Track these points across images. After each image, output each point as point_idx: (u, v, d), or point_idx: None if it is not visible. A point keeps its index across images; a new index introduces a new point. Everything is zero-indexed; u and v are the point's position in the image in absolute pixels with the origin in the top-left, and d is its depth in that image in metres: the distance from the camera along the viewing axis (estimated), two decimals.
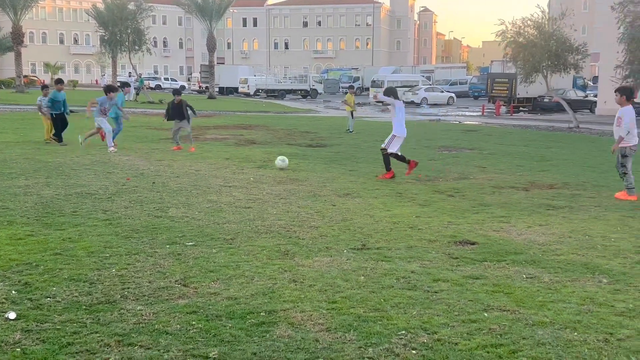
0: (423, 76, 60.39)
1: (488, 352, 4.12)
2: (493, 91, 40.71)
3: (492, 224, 7.97)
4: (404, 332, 4.43)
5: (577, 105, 37.11)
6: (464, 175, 12.32)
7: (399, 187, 10.73)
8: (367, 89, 59.44)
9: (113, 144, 14.88)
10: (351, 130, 21.90)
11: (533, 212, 8.79)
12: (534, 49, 27.22)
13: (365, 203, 9.24)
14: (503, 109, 38.19)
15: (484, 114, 37.27)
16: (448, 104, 48.62)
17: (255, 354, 4.06)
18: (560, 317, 4.77)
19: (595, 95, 38.54)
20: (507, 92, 39.18)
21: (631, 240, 7.19)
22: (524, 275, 5.82)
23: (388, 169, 11.64)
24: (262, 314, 4.72)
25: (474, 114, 38.13)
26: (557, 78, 31.71)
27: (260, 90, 59.12)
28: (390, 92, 12.06)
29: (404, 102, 15.01)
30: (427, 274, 5.78)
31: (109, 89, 15.51)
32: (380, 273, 5.81)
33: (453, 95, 50.88)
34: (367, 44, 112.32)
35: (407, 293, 5.26)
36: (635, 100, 10.63)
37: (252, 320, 4.60)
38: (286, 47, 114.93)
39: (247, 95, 59.18)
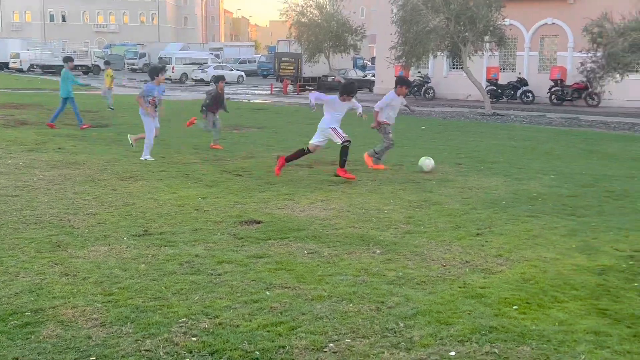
0: (212, 54, 59.86)
1: (269, 332, 4.15)
2: (280, 70, 41.58)
3: (277, 202, 8.10)
4: (184, 319, 4.30)
5: (358, 85, 39.08)
6: (252, 154, 12.41)
7: (186, 168, 10.49)
8: None
9: None
10: (112, 108, 21.05)
11: (316, 188, 9.10)
12: (317, 29, 28.22)
13: (150, 186, 8.90)
14: (290, 87, 39.22)
15: (273, 92, 37.96)
16: (238, 82, 48.80)
17: (17, 359, 3.68)
18: (338, 289, 4.96)
19: (374, 75, 41.07)
20: (294, 71, 40.25)
21: (402, 212, 7.73)
22: (306, 251, 5.98)
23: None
24: (27, 313, 4.30)
25: (263, 92, 38.68)
26: (339, 58, 33.30)
27: (35, 66, 54.47)
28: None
29: (193, 79, 14.48)
30: (211, 257, 5.70)
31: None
32: (163, 259, 5.60)
33: (242, 73, 51.17)
34: (153, 19, 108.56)
35: (190, 278, 5.14)
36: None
37: (16, 321, 4.17)
38: (63, 19, 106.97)
39: (20, 71, 54.25)
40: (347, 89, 10.31)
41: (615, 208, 8.09)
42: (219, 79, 13.60)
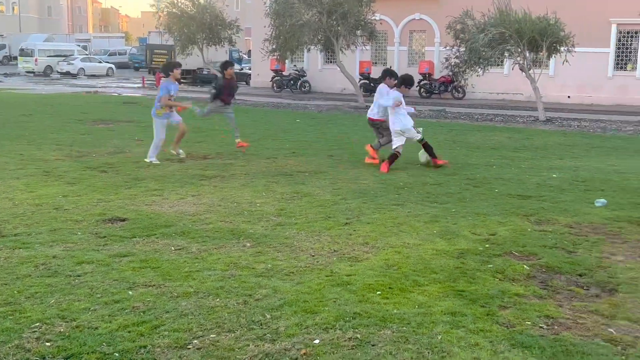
0: (79, 45, 57.02)
1: (130, 332, 4.00)
2: (153, 62, 40.40)
3: (145, 198, 7.86)
4: (38, 324, 4.06)
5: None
6: (120, 149, 11.96)
7: (47, 165, 9.93)
8: (16, 58, 54.02)
9: None
10: None
11: (186, 183, 8.91)
12: (189, 21, 27.65)
13: (5, 185, 8.34)
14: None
15: (145, 85, 36.79)
16: (107, 75, 46.88)
17: None
18: (205, 285, 4.88)
19: (250, 68, 40.86)
20: None
21: (274, 204, 7.74)
22: (173, 248, 5.84)
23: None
24: None
25: (135, 85, 37.39)
26: (214, 51, 32.81)
27: None
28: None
29: (59, 72, 13.72)
30: (70, 258, 5.42)
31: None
32: (16, 262, 5.26)
33: (112, 66, 49.19)
34: (14, 8, 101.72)
35: (46, 281, 4.86)
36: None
37: None
38: None
39: None
40: (409, 81, 10.57)
41: (474, 195, 8.54)
42: (227, 65, 12.49)
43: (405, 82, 10.66)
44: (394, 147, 10.43)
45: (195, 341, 3.92)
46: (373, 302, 4.60)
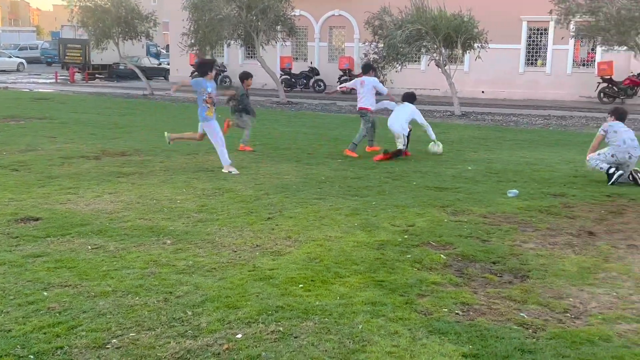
0: None
1: (45, 333, 3.88)
2: (66, 57, 38.97)
3: (59, 197, 7.60)
4: None
5: (152, 73, 38.11)
6: (32, 146, 11.50)
7: None
8: None
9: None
10: None
11: (103, 180, 8.67)
12: (104, 14, 26.82)
13: None
14: (78, 75, 36.94)
15: (58, 81, 35.45)
16: (18, 70, 44.89)
17: None
18: (123, 284, 4.78)
19: (169, 63, 40.08)
20: (81, 58, 37.95)
21: (195, 200, 7.66)
22: (89, 247, 5.68)
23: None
24: None
25: (48, 81, 35.97)
26: (131, 45, 31.96)
27: None
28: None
29: None
30: None
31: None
32: None
33: (23, 61, 47.16)
34: None
35: None
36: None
37: None
38: None
39: None
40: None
41: (393, 187, 8.72)
42: (248, 75, 12.63)
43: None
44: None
45: (114, 340, 3.84)
46: (295, 295, 4.63)
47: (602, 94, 25.74)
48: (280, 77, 30.00)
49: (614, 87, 25.46)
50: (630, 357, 3.76)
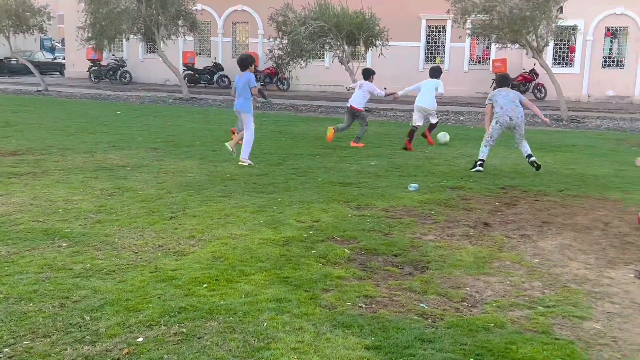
0: None
1: None
2: None
3: None
4: None
5: (47, 68, 36.52)
6: None
7: None
8: None
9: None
10: None
11: None
12: None
13: None
14: None
15: None
16: None
17: None
18: (16, 290, 4.55)
19: (64, 58, 38.46)
20: None
21: (92, 201, 7.38)
22: None
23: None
24: None
25: None
26: (23, 39, 30.39)
27: None
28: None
29: None
30: None
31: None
32: None
33: None
34: None
35: None
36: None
37: None
38: None
39: None
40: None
41: (299, 184, 8.76)
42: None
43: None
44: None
45: (7, 349, 3.65)
46: (199, 295, 4.56)
47: None
48: (183, 72, 29.48)
49: None
50: (522, 342, 3.95)
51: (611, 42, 27.40)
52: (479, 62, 29.48)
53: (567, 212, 7.50)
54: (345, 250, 5.76)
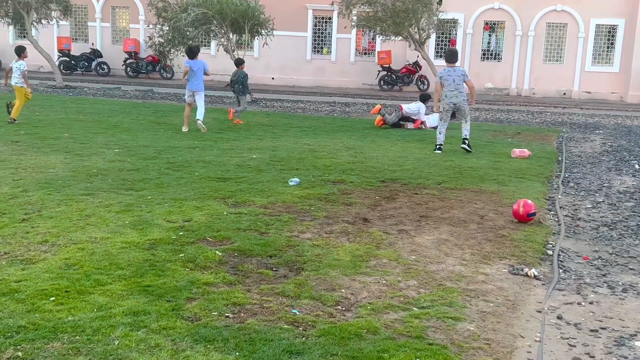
0: None
1: None
2: None
3: None
4: None
5: None
6: None
7: None
8: None
9: None
10: None
11: None
12: None
13: None
14: None
15: None
16: None
17: None
18: None
19: None
20: None
21: None
22: None
23: None
24: None
25: None
26: None
27: None
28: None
29: None
30: None
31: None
32: None
33: None
34: None
35: None
36: None
37: None
38: None
39: None
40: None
41: (173, 179, 8.26)
42: (242, 61, 15.83)
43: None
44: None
45: None
46: (44, 311, 4.05)
47: (382, 82, 27.28)
48: (58, 59, 27.77)
49: (393, 75, 27.10)
50: (395, 349, 3.76)
51: (489, 35, 28.48)
52: (365, 53, 29.74)
53: (444, 206, 7.50)
54: (217, 252, 5.39)
